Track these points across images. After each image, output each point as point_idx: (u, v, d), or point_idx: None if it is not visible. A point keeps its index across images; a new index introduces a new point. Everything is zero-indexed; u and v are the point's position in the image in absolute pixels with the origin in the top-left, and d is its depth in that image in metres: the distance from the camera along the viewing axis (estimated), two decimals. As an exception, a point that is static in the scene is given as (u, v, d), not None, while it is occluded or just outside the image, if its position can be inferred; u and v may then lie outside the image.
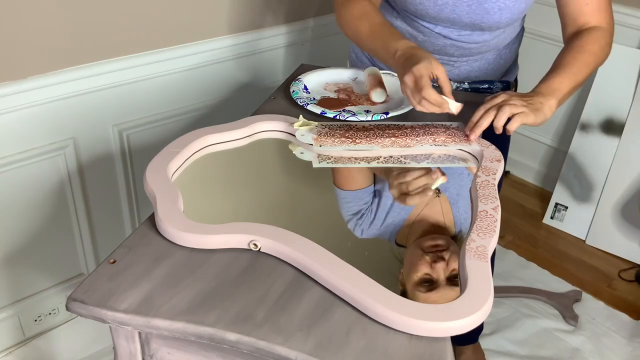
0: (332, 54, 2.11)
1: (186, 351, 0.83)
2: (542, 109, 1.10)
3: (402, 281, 0.89)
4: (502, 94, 1.12)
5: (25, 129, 1.54)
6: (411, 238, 0.97)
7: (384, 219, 1.02)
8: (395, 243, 0.99)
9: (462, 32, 1.30)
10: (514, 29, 1.37)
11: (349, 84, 1.37)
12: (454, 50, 1.34)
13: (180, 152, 1.05)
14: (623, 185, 2.20)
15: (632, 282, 2.15)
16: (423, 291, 0.86)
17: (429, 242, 0.93)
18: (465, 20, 1.26)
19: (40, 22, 1.46)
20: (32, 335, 1.79)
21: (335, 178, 1.11)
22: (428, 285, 0.86)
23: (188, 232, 0.87)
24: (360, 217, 1.02)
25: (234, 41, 1.84)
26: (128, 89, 1.68)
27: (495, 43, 1.35)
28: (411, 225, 1.00)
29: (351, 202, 1.06)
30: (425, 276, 0.87)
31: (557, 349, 1.86)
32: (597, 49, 1.22)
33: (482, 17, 1.25)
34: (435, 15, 1.27)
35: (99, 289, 0.81)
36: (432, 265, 0.88)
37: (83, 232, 1.77)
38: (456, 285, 0.85)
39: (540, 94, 1.13)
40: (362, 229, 1.01)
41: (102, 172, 1.73)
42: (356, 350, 0.74)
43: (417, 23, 1.32)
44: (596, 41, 1.23)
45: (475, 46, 1.33)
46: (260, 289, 0.82)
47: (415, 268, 0.89)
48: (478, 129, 1.10)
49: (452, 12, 1.25)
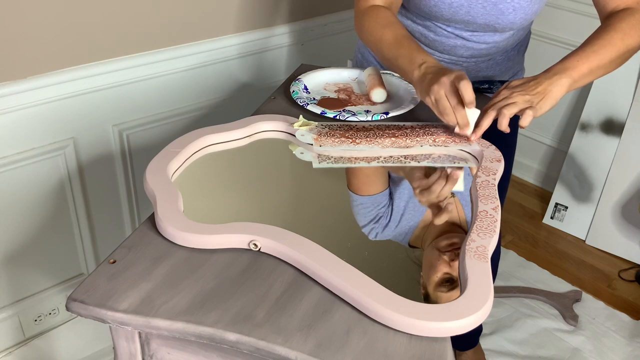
0: (332, 54, 2.11)
1: (186, 351, 0.83)
2: (550, 94, 1.07)
3: (423, 284, 0.89)
4: (503, 90, 1.10)
5: (25, 129, 1.54)
6: (427, 240, 0.97)
7: (399, 222, 1.01)
8: (409, 245, 0.98)
9: (474, 33, 1.30)
10: (523, 31, 1.37)
11: (349, 84, 1.37)
12: (464, 51, 1.34)
13: (180, 152, 1.05)
14: (623, 185, 2.20)
15: (632, 282, 2.15)
16: (445, 291, 0.85)
17: (445, 242, 0.92)
18: (479, 21, 1.26)
19: (40, 22, 1.46)
20: (32, 335, 1.79)
21: (350, 183, 1.09)
22: (449, 285, 0.86)
23: (188, 232, 0.87)
24: (377, 222, 1.01)
25: (234, 41, 1.84)
26: (128, 89, 1.68)
27: (504, 45, 1.35)
28: (427, 227, 0.99)
29: (369, 207, 1.04)
30: (446, 276, 0.87)
31: (557, 349, 1.86)
32: (625, 27, 1.15)
33: (496, 18, 1.25)
34: (449, 17, 1.26)
35: (99, 289, 0.81)
36: (451, 264, 0.87)
37: (83, 232, 1.77)
38: None
39: (551, 73, 1.10)
40: (377, 232, 1.00)
41: (102, 172, 1.73)
42: (356, 350, 0.74)
43: (429, 22, 1.31)
44: (623, 20, 1.16)
45: (486, 47, 1.33)
46: (260, 289, 0.82)
47: (435, 269, 0.89)
48: (479, 130, 1.09)
49: (467, 14, 1.25)
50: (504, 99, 1.08)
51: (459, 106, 1.05)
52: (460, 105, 1.05)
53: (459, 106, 1.05)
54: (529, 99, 1.07)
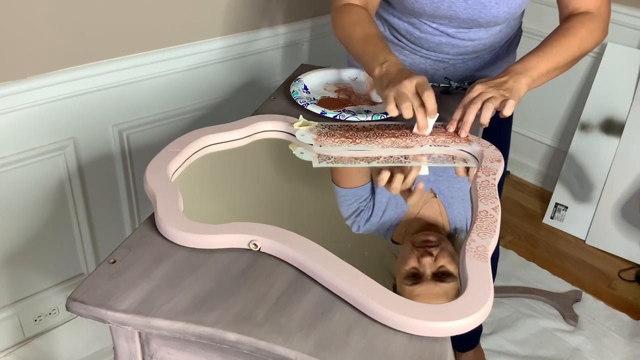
0: (332, 54, 2.11)
1: (186, 351, 0.83)
2: (516, 90, 1.13)
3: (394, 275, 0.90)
4: (477, 86, 1.13)
5: (25, 129, 1.54)
6: (407, 235, 0.98)
7: (381, 217, 1.02)
8: (392, 241, 0.99)
9: (459, 29, 1.30)
10: (511, 29, 1.37)
11: (349, 84, 1.37)
12: (450, 48, 1.34)
13: (180, 152, 1.05)
14: (623, 185, 2.20)
15: (632, 282, 2.15)
16: (408, 284, 0.86)
17: (420, 238, 0.94)
18: (462, 16, 1.26)
19: (40, 22, 1.46)
20: (32, 335, 1.79)
21: (333, 176, 1.11)
22: (414, 279, 0.87)
23: (188, 232, 0.87)
24: (358, 215, 1.03)
25: (234, 41, 1.84)
26: (128, 89, 1.68)
27: (491, 42, 1.35)
28: (408, 224, 1.00)
29: (350, 199, 1.07)
30: (412, 270, 0.88)
31: (557, 349, 1.86)
32: (583, 33, 1.22)
33: (479, 12, 1.25)
34: (432, 12, 1.27)
35: (99, 289, 0.81)
36: (420, 260, 0.88)
37: (83, 232, 1.77)
38: (442, 282, 0.86)
39: (513, 72, 1.15)
40: (359, 225, 1.02)
41: (102, 172, 1.73)
42: (356, 350, 0.74)
43: (414, 19, 1.32)
44: (583, 25, 1.23)
45: (471, 44, 1.33)
46: (260, 289, 0.82)
47: (404, 262, 0.90)
48: (466, 126, 1.12)
49: (449, 9, 1.25)
50: (482, 94, 1.11)
51: (422, 108, 1.08)
52: (422, 108, 1.08)
53: (421, 108, 1.08)
54: (502, 94, 1.11)
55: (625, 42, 2.18)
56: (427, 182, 1.09)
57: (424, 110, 1.08)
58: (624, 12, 2.15)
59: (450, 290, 0.85)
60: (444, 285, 0.86)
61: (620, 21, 2.17)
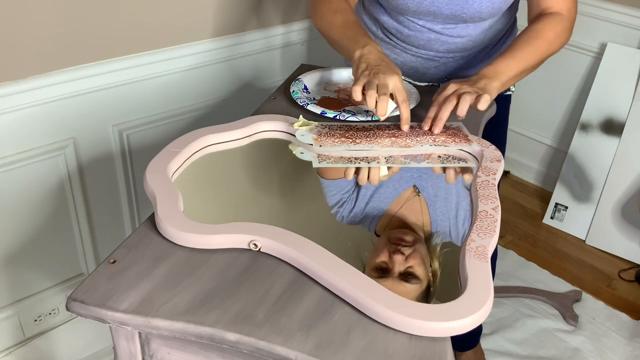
0: (332, 54, 2.10)
1: (186, 351, 0.83)
2: (488, 91, 1.15)
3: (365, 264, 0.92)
4: (451, 85, 1.15)
5: (25, 129, 1.54)
6: (387, 230, 1.00)
7: (364, 208, 1.04)
8: (375, 233, 1.00)
9: (445, 26, 1.31)
10: (503, 25, 1.37)
11: (349, 84, 1.37)
12: (439, 45, 1.34)
13: (180, 152, 1.05)
14: (623, 185, 2.20)
15: (632, 282, 2.15)
16: (375, 276, 0.87)
17: (397, 235, 0.95)
18: (445, 12, 1.27)
19: (40, 22, 1.46)
20: (32, 335, 1.79)
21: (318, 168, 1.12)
22: (381, 272, 0.88)
23: (188, 232, 0.87)
24: (341, 206, 1.04)
25: (234, 41, 1.84)
26: (128, 89, 1.68)
27: (481, 39, 1.34)
28: (390, 219, 1.02)
29: (332, 190, 1.09)
30: (382, 264, 0.89)
31: (557, 349, 1.86)
32: (551, 37, 1.25)
33: (462, 8, 1.25)
34: (415, 9, 1.28)
35: (99, 289, 0.81)
36: (391, 256, 0.89)
37: (83, 232, 1.77)
38: (407, 282, 0.87)
39: (485, 76, 1.18)
40: (343, 215, 1.03)
41: (102, 172, 1.73)
42: (356, 350, 0.74)
43: (402, 17, 1.33)
44: (552, 28, 1.25)
45: (461, 40, 1.33)
46: (260, 289, 0.82)
47: (376, 253, 0.91)
48: (440, 122, 1.13)
49: (432, 5, 1.26)
50: (457, 90, 1.13)
51: (386, 97, 1.09)
52: (386, 97, 1.09)
53: (385, 97, 1.09)
54: (476, 90, 1.13)
55: (625, 42, 2.18)
56: (411, 179, 1.10)
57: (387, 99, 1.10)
58: (624, 12, 2.15)
59: (413, 292, 0.87)
60: (408, 285, 0.87)
61: (620, 21, 2.17)
